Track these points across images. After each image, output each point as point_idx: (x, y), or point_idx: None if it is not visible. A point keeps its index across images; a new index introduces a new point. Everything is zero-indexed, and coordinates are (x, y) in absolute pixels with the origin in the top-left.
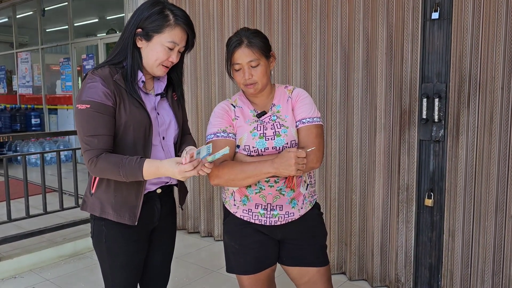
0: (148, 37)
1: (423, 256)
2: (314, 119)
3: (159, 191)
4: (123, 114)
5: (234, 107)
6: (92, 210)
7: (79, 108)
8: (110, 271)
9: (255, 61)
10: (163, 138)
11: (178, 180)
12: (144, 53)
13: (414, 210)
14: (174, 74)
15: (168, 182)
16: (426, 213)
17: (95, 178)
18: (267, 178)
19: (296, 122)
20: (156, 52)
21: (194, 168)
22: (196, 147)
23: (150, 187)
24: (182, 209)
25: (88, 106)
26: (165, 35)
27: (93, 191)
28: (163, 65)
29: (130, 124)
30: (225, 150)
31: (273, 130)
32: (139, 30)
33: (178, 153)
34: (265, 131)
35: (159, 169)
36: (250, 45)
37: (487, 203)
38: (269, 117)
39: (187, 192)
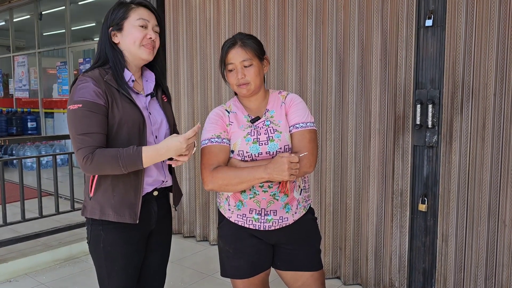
0: (118, 27)
1: (417, 260)
2: (308, 124)
3: (155, 193)
4: (116, 112)
5: (228, 112)
6: (92, 213)
7: (71, 108)
8: (107, 276)
9: (248, 60)
10: (156, 137)
11: (173, 182)
12: (123, 45)
13: (408, 215)
14: (155, 69)
15: (163, 181)
16: (420, 218)
17: (92, 181)
18: (261, 183)
19: (289, 127)
20: (132, 34)
21: (195, 134)
22: None
23: (147, 188)
24: (176, 210)
25: (80, 105)
26: (132, 16)
27: (91, 194)
28: (144, 46)
29: (124, 122)
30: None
31: (267, 135)
32: (111, 28)
33: None
34: (258, 136)
35: (159, 150)
36: (243, 45)
37: (480, 208)
38: (263, 122)
39: (182, 194)
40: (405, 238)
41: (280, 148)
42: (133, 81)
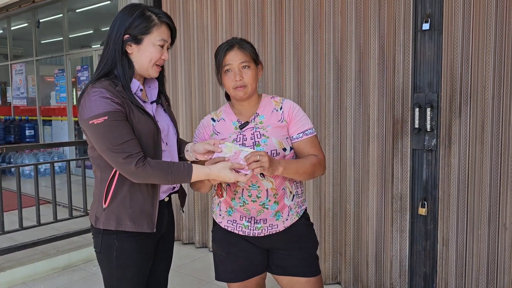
0: (137, 41)
1: (417, 265)
2: (313, 129)
3: (166, 199)
4: (134, 122)
5: (215, 121)
6: (107, 225)
7: (95, 123)
8: (117, 284)
9: (246, 62)
10: (166, 144)
11: (179, 186)
12: (136, 57)
13: (408, 219)
14: (160, 74)
15: (175, 188)
16: (420, 222)
17: (107, 192)
18: (249, 193)
19: (299, 133)
20: (150, 52)
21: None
22: None
23: (162, 196)
24: (183, 212)
25: (106, 117)
26: (154, 34)
27: (105, 205)
28: (156, 65)
29: (141, 131)
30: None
31: (253, 140)
32: (127, 36)
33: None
34: (244, 142)
35: (209, 175)
36: (241, 47)
37: (480, 211)
38: (251, 128)
39: (186, 194)
40: (405, 243)
41: (267, 153)
42: (141, 90)
